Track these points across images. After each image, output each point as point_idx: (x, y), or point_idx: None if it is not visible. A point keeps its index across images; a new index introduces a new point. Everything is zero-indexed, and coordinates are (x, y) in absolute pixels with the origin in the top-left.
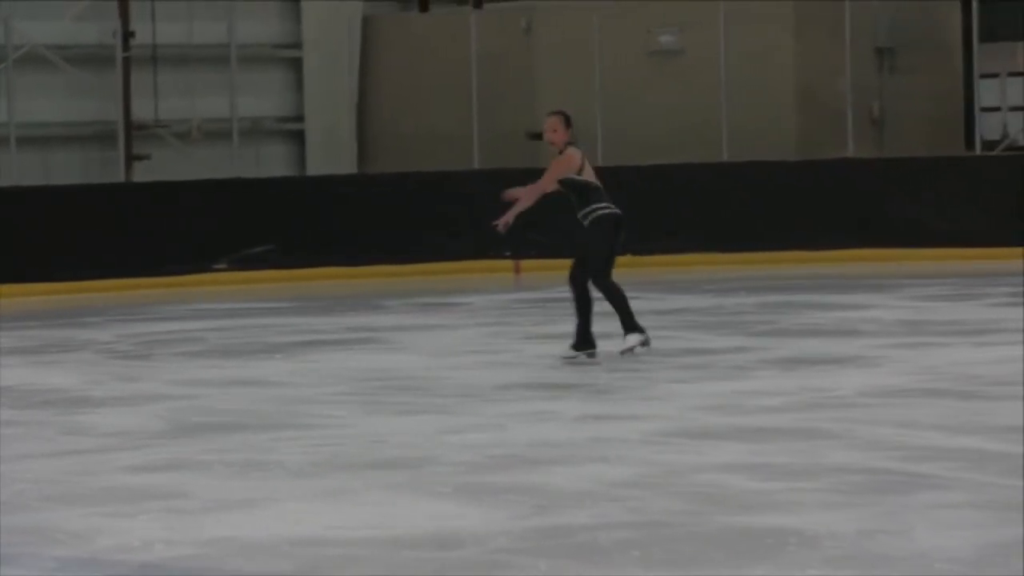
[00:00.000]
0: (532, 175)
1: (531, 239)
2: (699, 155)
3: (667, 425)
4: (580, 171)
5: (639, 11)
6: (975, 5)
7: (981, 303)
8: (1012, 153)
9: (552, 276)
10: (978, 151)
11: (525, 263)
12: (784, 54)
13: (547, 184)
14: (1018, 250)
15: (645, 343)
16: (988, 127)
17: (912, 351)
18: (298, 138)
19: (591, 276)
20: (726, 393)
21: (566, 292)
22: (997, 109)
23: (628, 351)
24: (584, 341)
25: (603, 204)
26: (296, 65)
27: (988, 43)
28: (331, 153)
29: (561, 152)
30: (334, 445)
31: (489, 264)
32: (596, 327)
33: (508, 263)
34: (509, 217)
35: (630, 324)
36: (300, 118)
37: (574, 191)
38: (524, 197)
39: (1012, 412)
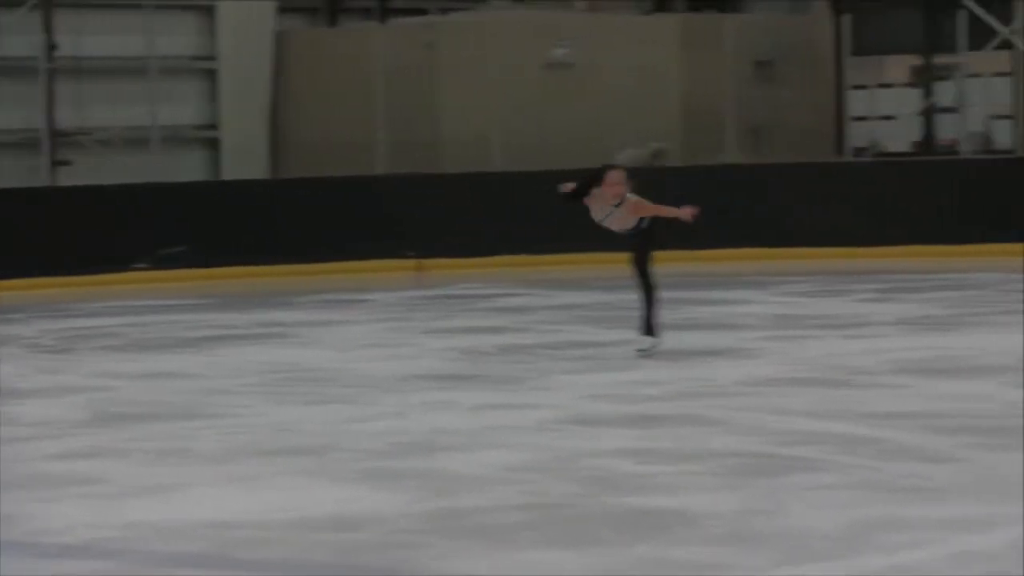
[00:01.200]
0: (434, 180)
1: (433, 240)
2: (591, 161)
3: (559, 413)
4: None
5: (535, 26)
6: (844, 21)
7: (849, 298)
8: (879, 159)
9: (452, 274)
10: (848, 157)
11: (427, 262)
12: (670, 67)
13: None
14: (884, 249)
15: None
16: (859, 135)
17: (786, 343)
18: (213, 145)
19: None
20: (614, 383)
21: (465, 289)
22: (866, 119)
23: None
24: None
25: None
26: (212, 76)
27: (860, 56)
28: (244, 159)
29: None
30: (245, 433)
31: (393, 263)
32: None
33: (411, 262)
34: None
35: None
36: (215, 126)
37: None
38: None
39: (879, 399)
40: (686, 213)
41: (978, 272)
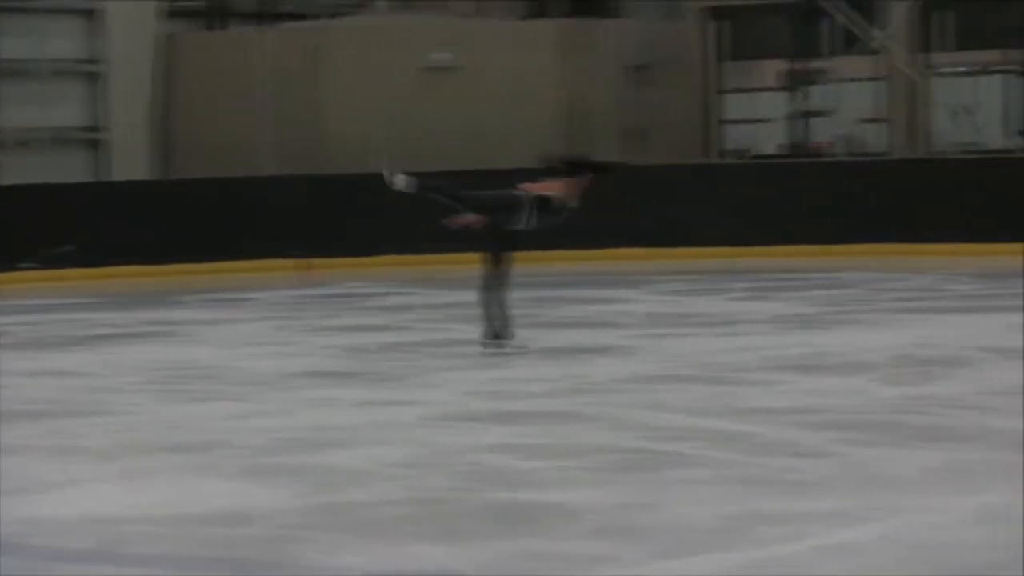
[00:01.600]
0: (319, 181)
1: (319, 239)
2: (472, 163)
3: (440, 409)
4: None
5: (417, 30)
6: (719, 26)
7: (724, 297)
8: (754, 161)
9: (337, 273)
10: (723, 160)
11: (313, 262)
12: (548, 71)
13: None
14: (758, 249)
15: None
16: (735, 138)
17: (661, 341)
18: (100, 147)
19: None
20: (494, 380)
21: (350, 288)
22: (740, 122)
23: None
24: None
25: None
26: (100, 79)
27: (737, 60)
28: (131, 160)
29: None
30: (133, 431)
31: (279, 263)
32: None
33: (298, 262)
34: None
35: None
36: (104, 128)
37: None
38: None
39: (752, 395)
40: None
41: (850, 271)
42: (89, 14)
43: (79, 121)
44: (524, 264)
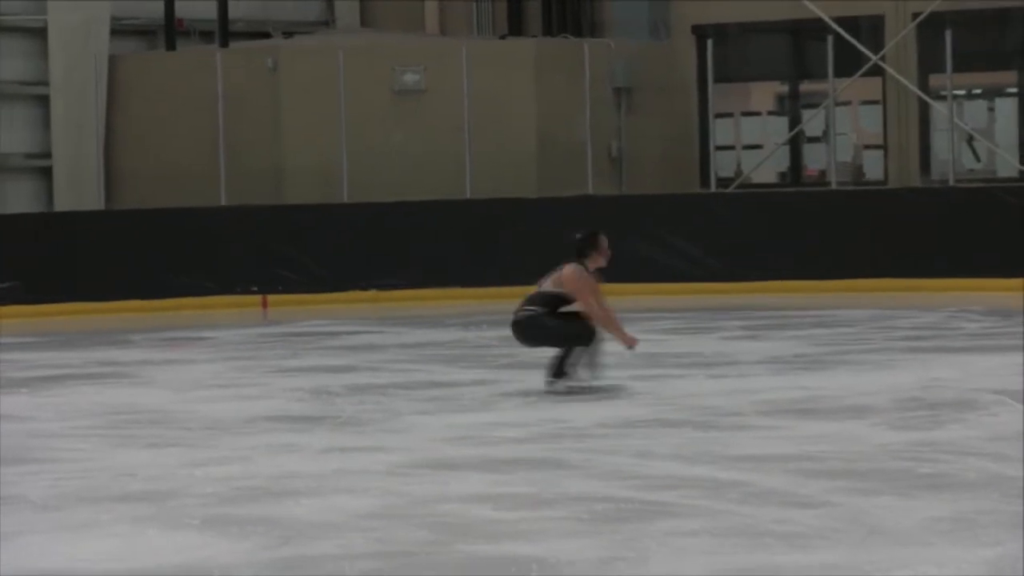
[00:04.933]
0: (278, 212)
1: (278, 275)
2: (443, 192)
3: (411, 456)
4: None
5: (383, 50)
6: (707, 47)
7: (715, 336)
8: (745, 190)
9: (299, 311)
10: (713, 188)
11: (272, 298)
12: (525, 93)
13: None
14: (750, 284)
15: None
16: (723, 165)
17: (649, 383)
18: (45, 174)
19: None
20: (469, 425)
21: (312, 326)
22: (731, 148)
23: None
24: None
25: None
26: (44, 102)
27: (722, 83)
28: (78, 189)
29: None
30: (80, 479)
31: (236, 299)
32: None
33: (255, 298)
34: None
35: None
36: (48, 155)
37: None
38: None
39: (745, 442)
40: (630, 341)
41: (849, 309)
42: (34, 33)
43: (24, 147)
44: (501, 300)
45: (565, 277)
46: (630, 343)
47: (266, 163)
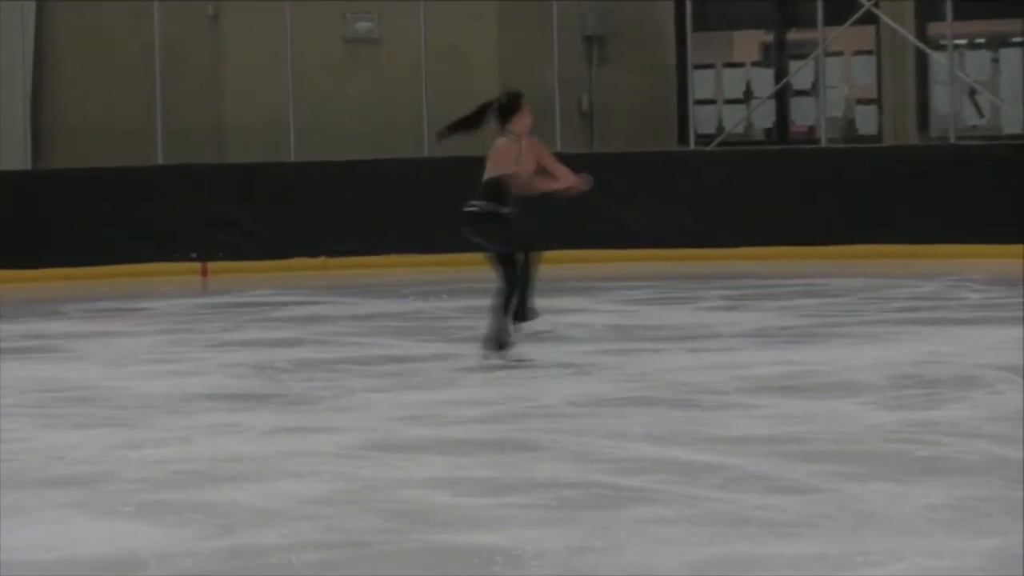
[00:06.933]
0: (219, 171)
1: (219, 240)
2: (399, 150)
3: (364, 437)
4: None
5: None
6: None
7: (694, 306)
8: (728, 148)
9: (242, 279)
10: (692, 146)
11: (213, 265)
12: (487, 43)
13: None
14: (732, 251)
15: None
16: (703, 120)
17: (622, 357)
18: None
19: None
20: (427, 403)
21: (256, 296)
22: (712, 102)
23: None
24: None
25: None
26: None
27: (701, 32)
28: (2, 147)
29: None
30: (5, 461)
31: (174, 267)
32: None
33: (195, 265)
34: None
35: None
36: None
37: None
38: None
39: (724, 422)
40: (583, 182)
41: (840, 278)
42: None
43: None
44: (460, 268)
45: (498, 154)
46: (577, 186)
47: (207, 118)
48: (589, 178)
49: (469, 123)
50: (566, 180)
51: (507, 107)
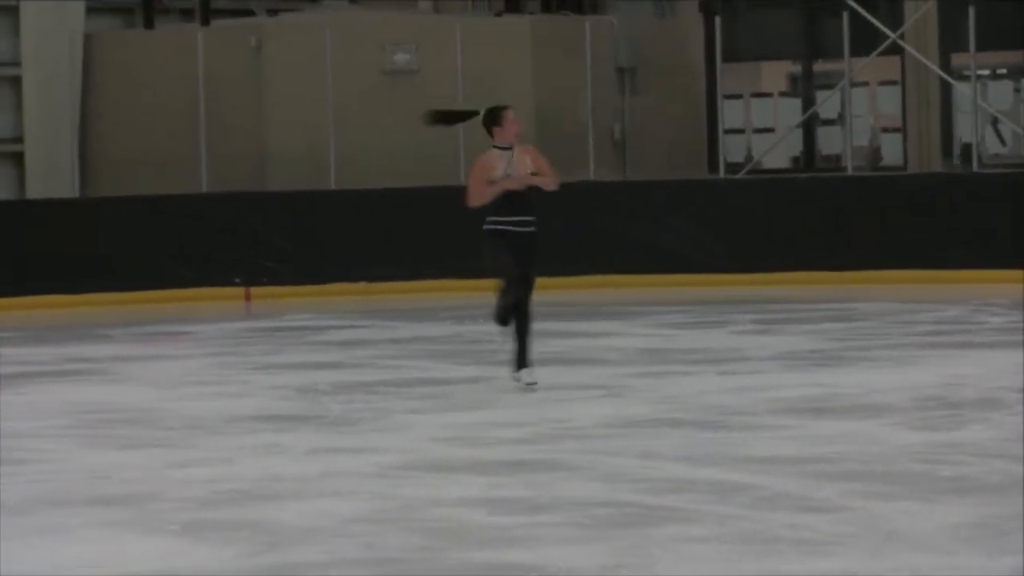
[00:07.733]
0: (262, 199)
1: (263, 265)
2: (436, 178)
3: (402, 458)
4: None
5: (373, 28)
6: (715, 24)
7: (725, 330)
8: (756, 176)
9: (284, 304)
10: (722, 174)
11: (256, 290)
12: (522, 74)
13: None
14: (761, 276)
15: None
16: (732, 149)
17: (655, 380)
18: (17, 160)
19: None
20: (464, 424)
21: (298, 320)
22: (741, 131)
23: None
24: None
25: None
26: (15, 84)
27: (730, 63)
28: (51, 176)
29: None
30: (52, 481)
31: (218, 291)
32: None
33: (238, 290)
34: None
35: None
36: (19, 139)
37: None
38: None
39: (756, 442)
40: (553, 183)
41: (867, 302)
42: (6, 12)
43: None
44: (484, 293)
45: (472, 173)
46: (548, 185)
47: (249, 147)
48: (557, 182)
49: (453, 118)
50: (545, 179)
51: (488, 119)
